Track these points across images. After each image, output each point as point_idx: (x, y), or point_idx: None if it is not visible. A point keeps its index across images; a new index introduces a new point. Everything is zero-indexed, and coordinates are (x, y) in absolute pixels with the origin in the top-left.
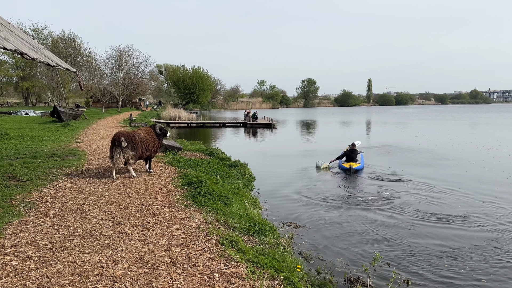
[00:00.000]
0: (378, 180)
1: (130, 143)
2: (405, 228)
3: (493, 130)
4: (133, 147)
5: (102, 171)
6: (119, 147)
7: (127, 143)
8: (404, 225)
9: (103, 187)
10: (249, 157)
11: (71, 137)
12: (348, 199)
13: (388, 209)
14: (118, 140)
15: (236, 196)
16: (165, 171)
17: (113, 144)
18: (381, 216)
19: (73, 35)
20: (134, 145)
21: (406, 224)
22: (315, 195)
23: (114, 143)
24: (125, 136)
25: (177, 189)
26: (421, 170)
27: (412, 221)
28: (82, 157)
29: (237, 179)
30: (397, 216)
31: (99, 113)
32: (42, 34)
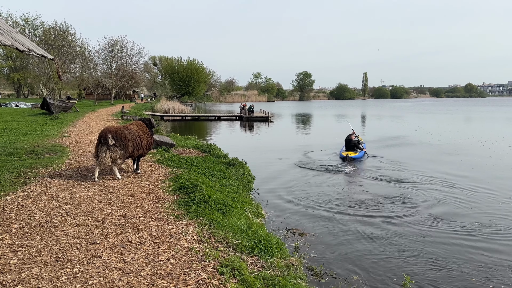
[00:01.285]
0: (387, 179)
1: (118, 140)
2: (424, 236)
3: (493, 124)
4: (122, 145)
5: (83, 171)
6: (105, 145)
7: (115, 140)
8: (422, 232)
9: (81, 193)
10: (246, 152)
11: (58, 131)
12: (354, 201)
13: (401, 212)
14: (104, 137)
15: (235, 203)
16: (154, 172)
17: (99, 142)
18: (393, 221)
19: (65, 25)
20: (123, 143)
21: (424, 232)
22: (317, 196)
23: (100, 140)
24: (112, 133)
25: (167, 195)
26: (429, 166)
27: (431, 228)
28: (65, 154)
29: (236, 180)
30: (412, 220)
31: (92, 105)
32: (33, 24)
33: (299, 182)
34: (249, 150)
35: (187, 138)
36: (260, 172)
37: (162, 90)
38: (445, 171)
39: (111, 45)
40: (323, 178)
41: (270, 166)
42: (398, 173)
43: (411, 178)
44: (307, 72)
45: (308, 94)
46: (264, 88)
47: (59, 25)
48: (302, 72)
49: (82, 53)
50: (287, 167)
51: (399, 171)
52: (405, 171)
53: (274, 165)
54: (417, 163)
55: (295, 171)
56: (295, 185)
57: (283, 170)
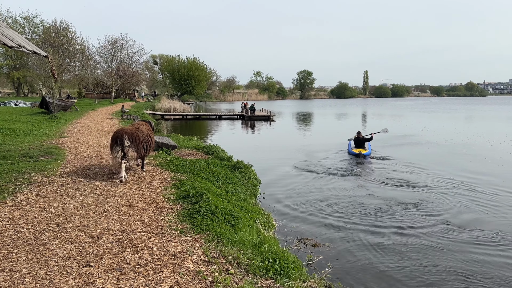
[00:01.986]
0: (399, 182)
1: (133, 142)
2: (448, 247)
3: (497, 123)
4: (136, 147)
5: (79, 177)
6: (121, 146)
7: (130, 142)
8: (444, 242)
9: (75, 202)
10: (248, 153)
11: (56, 131)
12: (365, 207)
13: (418, 220)
14: (121, 139)
15: (244, 213)
16: (156, 177)
17: (114, 142)
18: (409, 230)
19: (65, 23)
20: (137, 145)
21: (447, 242)
22: (325, 200)
23: (116, 141)
24: (128, 135)
25: (170, 205)
26: (441, 167)
27: (454, 237)
28: (60, 157)
29: (242, 185)
30: (431, 229)
31: (92, 104)
32: (33, 23)
33: (305, 185)
34: (252, 150)
35: (189, 139)
36: (264, 173)
37: (163, 89)
38: (459, 173)
39: (111, 43)
40: (330, 180)
41: (274, 167)
42: (410, 175)
43: (424, 180)
44: (308, 71)
45: (309, 93)
46: (264, 87)
47: (59, 23)
48: (303, 71)
49: (82, 51)
50: (292, 169)
51: (410, 173)
52: (417, 173)
53: (278, 166)
54: (428, 164)
55: (300, 173)
56: (301, 189)
57: (287, 171)
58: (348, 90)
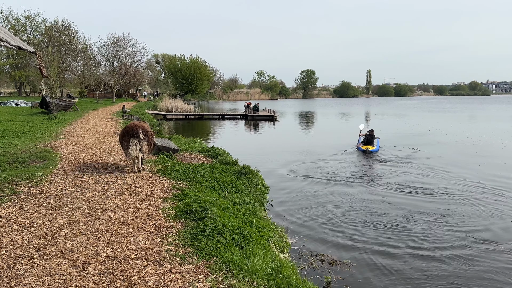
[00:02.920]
0: (418, 189)
1: (146, 135)
2: (476, 266)
3: (506, 124)
4: (148, 140)
5: (71, 186)
6: (137, 139)
7: (144, 135)
8: (475, 260)
9: (62, 219)
10: (253, 155)
11: (54, 132)
12: (382, 217)
13: (447, 235)
14: (136, 132)
15: (255, 230)
16: (155, 186)
17: (130, 136)
18: (437, 247)
19: (67, 22)
20: (148, 138)
21: (480, 261)
22: (337, 207)
23: (132, 134)
24: (142, 129)
25: (169, 223)
26: (459, 170)
27: (489, 256)
28: (53, 162)
29: (249, 194)
30: (461, 245)
31: (93, 104)
32: (35, 22)
33: (313, 191)
34: (256, 151)
35: (191, 141)
36: (270, 177)
37: (165, 88)
38: (479, 176)
39: (113, 42)
40: (339, 185)
41: (280, 170)
42: (426, 179)
43: (443, 185)
44: (311, 70)
45: (312, 92)
46: (267, 86)
47: (61, 23)
48: (306, 70)
49: (84, 50)
50: (298, 172)
51: (426, 177)
52: (432, 177)
53: (283, 168)
54: (443, 167)
55: (307, 177)
56: (310, 194)
57: (294, 175)
58: (351, 90)
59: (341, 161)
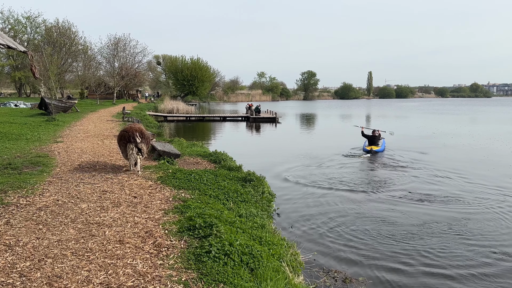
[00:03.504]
0: (436, 198)
1: (143, 138)
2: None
3: (510, 126)
4: (146, 142)
5: (64, 196)
6: (134, 143)
7: (141, 138)
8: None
9: (52, 236)
10: (255, 158)
11: (51, 135)
12: (396, 229)
13: (465, 246)
14: (133, 136)
15: (265, 248)
16: (155, 196)
17: (127, 141)
18: (463, 268)
19: (68, 23)
20: (146, 140)
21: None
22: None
23: (129, 139)
24: (138, 132)
25: (170, 241)
26: (469, 175)
27: None
28: (48, 168)
29: (255, 203)
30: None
31: (93, 105)
32: (35, 23)
33: (318, 197)
34: (259, 155)
35: (193, 144)
36: (273, 182)
37: (166, 90)
38: (496, 182)
39: (113, 43)
40: (346, 191)
41: (283, 175)
42: (440, 186)
43: (459, 192)
44: (312, 71)
45: (313, 94)
46: (268, 88)
47: (61, 23)
48: (307, 71)
49: (85, 51)
50: (303, 177)
51: (440, 183)
52: (447, 184)
53: (287, 173)
54: (456, 171)
55: (312, 183)
56: (316, 203)
57: (299, 181)
58: (352, 91)
59: (346, 165)
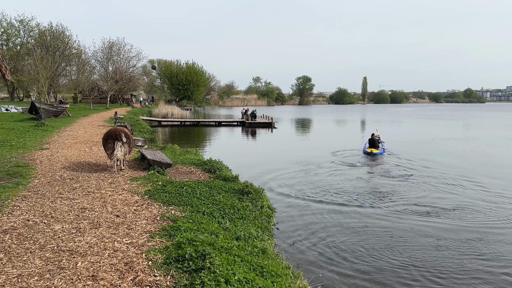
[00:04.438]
0: (442, 208)
1: (128, 138)
2: None
3: (508, 131)
4: (130, 143)
5: (37, 215)
6: (120, 142)
7: (127, 138)
8: None
9: (12, 269)
10: (251, 166)
11: (38, 141)
12: (407, 244)
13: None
14: (119, 136)
15: (267, 283)
16: (141, 215)
17: (114, 139)
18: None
19: (61, 27)
20: (130, 141)
21: None
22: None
23: (116, 138)
24: (124, 132)
25: (154, 276)
26: (477, 185)
27: None
28: (25, 180)
29: (254, 220)
30: None
31: (86, 110)
32: (28, 26)
33: (321, 211)
34: (255, 162)
35: (186, 152)
36: (271, 194)
37: (161, 94)
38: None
39: (107, 47)
40: (350, 205)
41: (280, 185)
42: (451, 196)
43: (472, 203)
44: (307, 76)
45: (308, 99)
46: (263, 92)
47: (55, 27)
48: (302, 76)
49: (79, 55)
50: (301, 187)
51: (449, 193)
52: (457, 193)
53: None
54: (465, 180)
55: (312, 194)
56: (318, 217)
57: (299, 190)
58: (347, 96)
59: (347, 173)
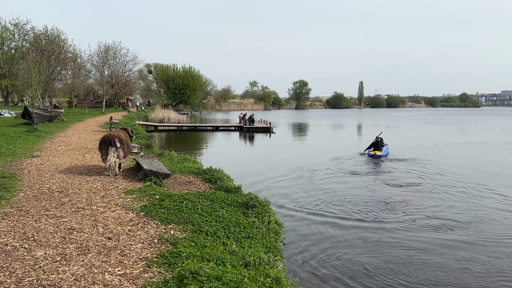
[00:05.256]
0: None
1: (122, 144)
2: None
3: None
4: (124, 147)
5: (18, 238)
6: (114, 147)
7: (120, 143)
8: None
9: None
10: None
11: (29, 148)
12: (435, 269)
13: None
14: (113, 141)
15: None
16: (136, 238)
17: (108, 145)
18: None
19: (57, 30)
20: (124, 145)
21: None
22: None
23: (110, 143)
24: (118, 138)
25: None
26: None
27: None
28: (9, 194)
29: (262, 239)
30: None
31: (81, 114)
32: (23, 30)
33: (329, 226)
34: (256, 169)
35: (185, 159)
36: (275, 203)
37: (157, 98)
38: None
39: (103, 50)
40: (360, 219)
41: (283, 194)
42: (470, 206)
43: (496, 216)
44: (304, 81)
45: (305, 103)
46: (260, 97)
47: (50, 31)
48: (299, 81)
49: (74, 59)
50: (307, 196)
51: (467, 203)
52: (477, 205)
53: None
54: (481, 190)
55: (318, 203)
56: (326, 232)
57: (304, 201)
58: (343, 101)
59: (351, 181)
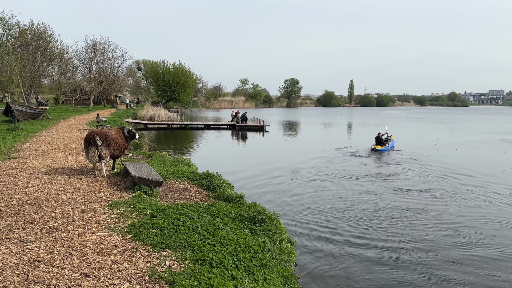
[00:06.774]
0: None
1: (105, 141)
2: None
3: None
4: (107, 145)
5: None
6: (95, 146)
7: (102, 141)
8: None
9: None
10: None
11: (7, 148)
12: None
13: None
14: (93, 139)
15: None
16: (121, 273)
17: (88, 144)
18: None
19: (43, 25)
20: (107, 143)
21: None
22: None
23: (90, 142)
24: (99, 135)
25: None
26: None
27: None
28: None
29: (277, 267)
30: None
31: (68, 112)
32: (8, 24)
33: (340, 237)
34: (251, 170)
35: (178, 162)
36: (276, 208)
37: (147, 95)
38: None
39: (91, 46)
40: (376, 231)
41: (285, 202)
42: (485, 211)
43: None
44: (295, 79)
45: (296, 101)
46: (251, 95)
47: (36, 25)
48: (290, 79)
49: (61, 55)
50: (309, 204)
51: (483, 209)
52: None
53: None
54: (493, 194)
55: (323, 209)
56: (336, 242)
57: (307, 208)
58: (334, 99)
59: (355, 184)
